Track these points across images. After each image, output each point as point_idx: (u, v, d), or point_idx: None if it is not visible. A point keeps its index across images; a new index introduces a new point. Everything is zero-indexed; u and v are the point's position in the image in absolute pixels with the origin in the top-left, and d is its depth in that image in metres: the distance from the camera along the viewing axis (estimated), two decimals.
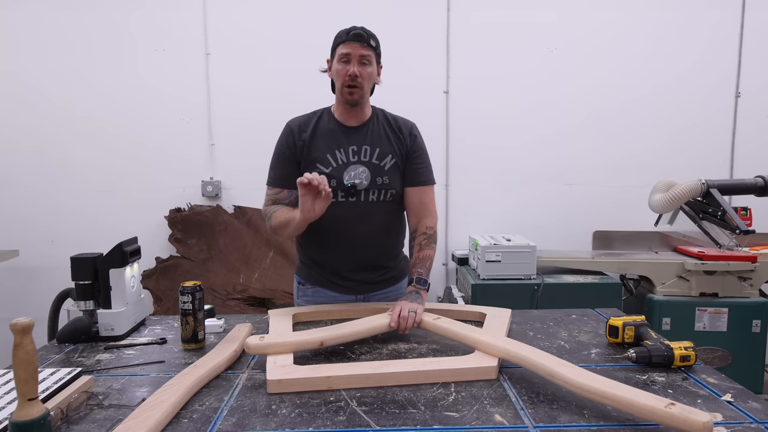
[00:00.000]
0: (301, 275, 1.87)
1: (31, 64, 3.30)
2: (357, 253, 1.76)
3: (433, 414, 1.08)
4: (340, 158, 1.70)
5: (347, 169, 1.70)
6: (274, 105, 3.36)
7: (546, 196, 3.49)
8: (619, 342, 1.46)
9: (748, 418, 1.06)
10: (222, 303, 3.16)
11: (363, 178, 1.70)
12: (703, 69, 3.42)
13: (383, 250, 1.81)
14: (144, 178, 3.39)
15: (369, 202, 1.71)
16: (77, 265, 1.51)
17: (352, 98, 1.68)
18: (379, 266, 1.81)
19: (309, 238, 1.79)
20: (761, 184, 2.85)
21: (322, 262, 1.81)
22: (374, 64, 1.68)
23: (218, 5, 3.32)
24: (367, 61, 1.65)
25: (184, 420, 1.06)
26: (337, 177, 1.68)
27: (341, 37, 1.66)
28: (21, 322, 0.90)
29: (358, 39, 1.63)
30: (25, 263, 3.31)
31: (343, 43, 1.64)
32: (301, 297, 1.87)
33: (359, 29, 1.64)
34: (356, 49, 1.63)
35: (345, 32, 1.66)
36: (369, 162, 1.71)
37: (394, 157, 1.73)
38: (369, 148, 1.72)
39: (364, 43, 1.63)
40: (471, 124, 3.43)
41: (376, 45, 1.67)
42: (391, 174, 1.72)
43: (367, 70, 1.66)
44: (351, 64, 1.64)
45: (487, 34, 3.39)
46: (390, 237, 1.82)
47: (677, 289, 2.85)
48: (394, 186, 1.73)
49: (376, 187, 1.71)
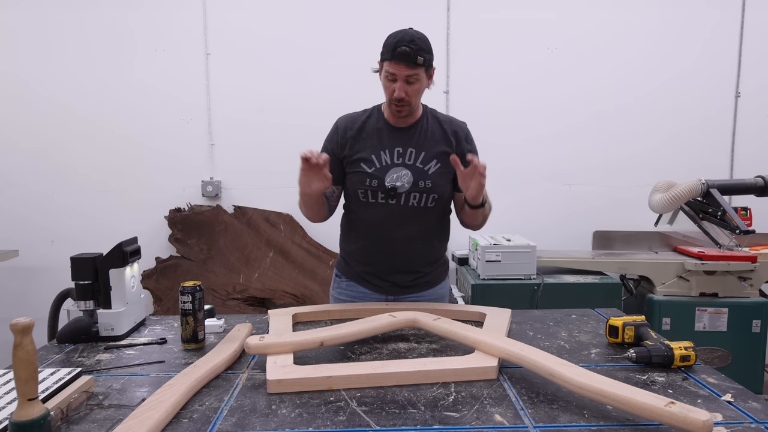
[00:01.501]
0: (340, 269, 1.88)
1: (31, 64, 3.30)
2: (392, 256, 1.75)
3: (433, 414, 1.08)
4: (384, 159, 1.68)
5: (390, 171, 1.67)
6: (274, 105, 3.37)
7: (546, 195, 3.49)
8: (619, 342, 1.46)
9: (748, 418, 1.06)
10: (222, 303, 3.16)
11: (405, 182, 1.67)
12: (703, 69, 3.42)
13: (419, 256, 1.79)
14: (144, 178, 3.39)
15: (409, 206, 1.69)
16: (77, 265, 1.51)
17: (401, 115, 1.67)
18: (414, 270, 1.79)
19: (349, 235, 1.81)
20: (761, 184, 2.85)
21: (358, 259, 1.80)
22: (423, 78, 1.62)
23: (218, 5, 3.32)
24: (414, 80, 1.59)
25: (184, 420, 1.06)
26: (379, 178, 1.67)
27: (387, 52, 1.58)
28: (21, 322, 0.90)
29: (404, 59, 1.55)
30: (25, 263, 3.31)
31: (389, 61, 1.58)
32: (335, 289, 1.88)
33: (406, 45, 1.54)
34: (402, 70, 1.57)
35: (392, 47, 1.56)
36: (413, 165, 1.68)
37: (440, 162, 1.69)
38: (414, 150, 1.69)
39: (411, 63, 1.56)
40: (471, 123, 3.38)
41: (425, 60, 1.58)
42: (435, 178, 1.69)
43: (413, 88, 1.61)
44: (397, 85, 1.59)
45: (487, 33, 3.39)
46: (428, 243, 1.79)
47: (677, 289, 2.85)
48: (437, 191, 1.69)
49: (417, 190, 1.68)
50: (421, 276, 1.80)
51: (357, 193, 1.71)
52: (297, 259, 3.31)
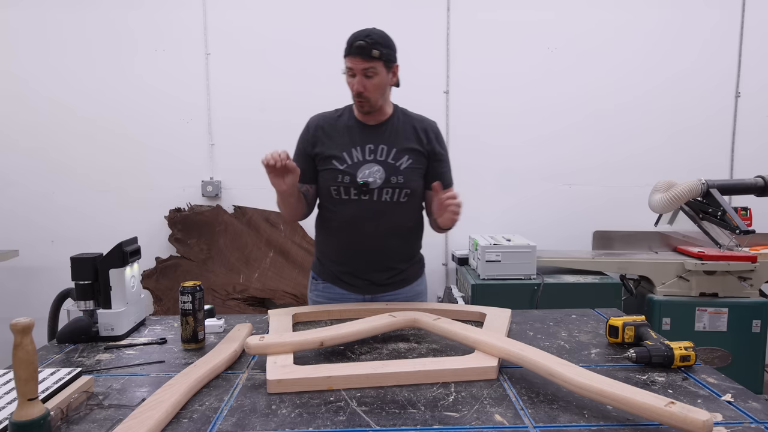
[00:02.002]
0: (315, 270, 1.89)
1: (31, 63, 3.30)
2: (367, 254, 1.76)
3: (433, 414, 1.08)
4: (356, 156, 1.71)
5: (362, 167, 1.70)
6: (274, 105, 3.37)
7: (546, 196, 3.49)
8: (619, 342, 1.46)
9: (748, 418, 1.06)
10: (222, 303, 3.16)
11: (377, 177, 1.70)
12: (703, 69, 3.42)
13: (394, 252, 1.80)
14: (144, 178, 3.39)
15: (382, 202, 1.71)
16: (77, 265, 1.51)
17: (362, 110, 1.70)
18: (389, 267, 1.80)
19: (323, 235, 1.82)
20: (761, 184, 2.85)
21: (334, 259, 1.82)
22: (381, 72, 1.64)
23: (218, 5, 3.32)
24: (371, 73, 1.62)
25: (184, 420, 1.06)
26: (351, 174, 1.69)
27: (346, 48, 1.64)
28: (21, 322, 0.90)
29: (359, 53, 1.60)
30: (25, 263, 3.31)
31: (348, 56, 1.63)
32: (312, 291, 1.89)
33: (362, 40, 1.60)
34: (358, 63, 1.61)
35: (349, 43, 1.62)
36: (384, 161, 1.71)
37: (411, 158, 1.72)
38: (386, 147, 1.72)
39: (366, 56, 1.60)
40: (471, 123, 3.43)
41: (382, 53, 1.61)
42: (407, 173, 1.71)
43: (372, 82, 1.64)
44: (355, 79, 1.63)
45: (487, 33, 3.39)
46: (402, 239, 1.81)
47: (677, 289, 2.85)
48: (409, 185, 1.72)
49: (390, 186, 1.70)
50: (398, 273, 1.81)
51: (329, 190, 1.73)
52: (297, 259, 3.31)
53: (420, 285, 1.90)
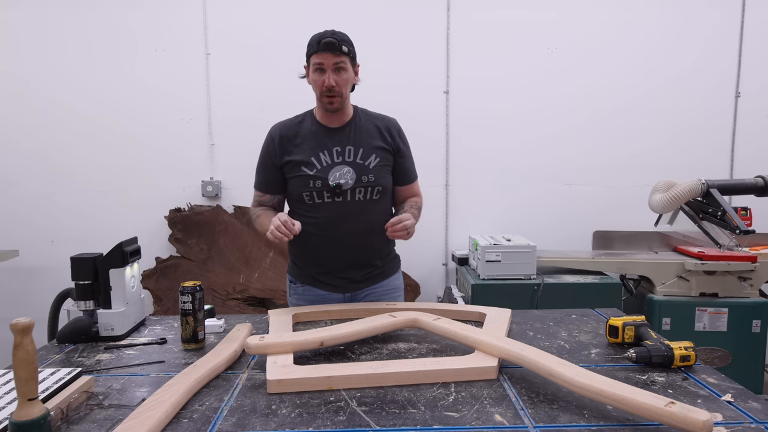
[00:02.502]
0: (292, 274, 1.90)
1: (31, 63, 3.30)
2: (344, 252, 1.78)
3: (433, 414, 1.08)
4: (324, 160, 1.73)
5: (332, 170, 1.72)
6: (274, 105, 3.36)
7: (546, 196, 3.49)
8: (619, 342, 1.46)
9: (748, 418, 1.06)
10: (222, 303, 3.17)
11: (348, 178, 1.72)
12: (703, 69, 3.42)
13: (371, 250, 1.82)
14: (144, 178, 3.39)
15: (356, 201, 1.73)
16: (77, 265, 1.51)
17: (333, 107, 1.71)
18: (367, 264, 1.82)
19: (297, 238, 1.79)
20: (761, 184, 2.85)
21: (310, 261, 1.82)
22: (349, 68, 1.69)
23: (218, 5, 3.32)
24: (341, 67, 1.66)
25: (184, 420, 1.06)
26: (322, 178, 1.71)
27: (313, 46, 1.66)
28: (21, 322, 0.90)
29: (329, 48, 1.63)
30: (25, 263, 3.31)
31: (315, 53, 1.65)
32: (292, 295, 1.90)
33: (329, 37, 1.64)
34: (329, 58, 1.64)
35: (316, 41, 1.65)
36: (353, 162, 1.74)
37: (378, 156, 1.76)
38: (352, 148, 1.74)
39: (337, 51, 1.64)
40: (471, 124, 3.43)
41: (349, 49, 1.67)
42: (376, 172, 1.74)
43: (342, 77, 1.67)
44: (326, 75, 1.66)
45: (487, 34, 3.38)
46: (378, 235, 1.79)
47: (677, 289, 2.85)
48: (380, 182, 1.75)
49: (362, 185, 1.72)
50: (374, 269, 1.84)
51: (302, 196, 1.74)
52: None
53: (397, 279, 1.93)
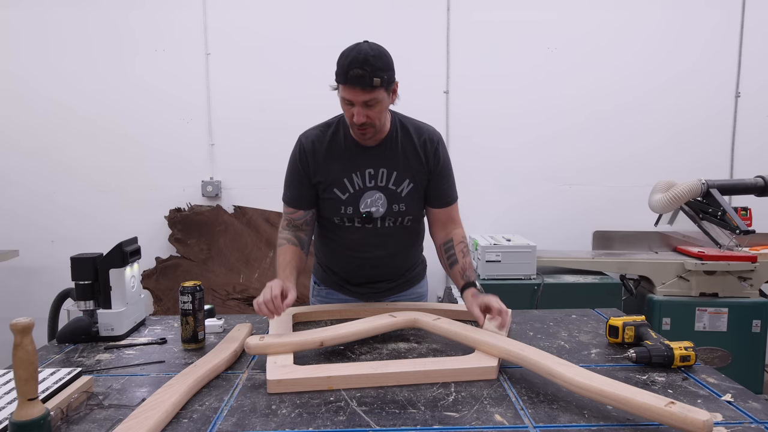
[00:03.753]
0: (317, 275, 1.88)
1: (31, 63, 3.30)
2: (370, 270, 1.76)
3: (433, 414, 1.08)
4: (356, 183, 1.61)
5: (363, 195, 1.61)
6: (274, 105, 3.37)
7: (546, 196, 3.48)
8: (619, 342, 1.46)
9: (748, 418, 1.06)
10: (222, 303, 3.16)
11: (379, 206, 1.62)
12: (703, 69, 3.42)
13: (398, 266, 1.81)
14: (144, 178, 3.39)
15: (385, 227, 1.66)
16: (77, 265, 1.51)
17: (364, 139, 1.56)
18: (393, 278, 1.80)
19: (326, 249, 1.80)
20: (761, 184, 2.85)
21: (335, 271, 1.81)
22: (383, 99, 1.47)
23: (218, 5, 3.32)
24: (373, 102, 1.45)
25: (184, 420, 1.06)
26: (353, 204, 1.62)
27: (341, 75, 1.43)
28: (21, 322, 0.90)
29: (358, 83, 1.41)
30: (25, 263, 3.31)
31: (343, 85, 1.44)
32: (315, 296, 1.89)
33: (358, 68, 1.39)
34: (358, 95, 1.43)
35: (344, 69, 1.41)
36: (385, 187, 1.61)
37: (412, 182, 1.62)
38: (386, 170, 1.61)
39: (367, 86, 1.41)
40: (471, 124, 3.43)
41: (383, 79, 1.42)
42: (408, 200, 1.63)
43: (375, 110, 1.47)
44: (355, 110, 1.46)
45: (487, 34, 3.38)
46: (406, 256, 1.81)
47: (677, 289, 2.85)
48: (411, 212, 1.66)
49: (392, 214, 1.64)
50: (400, 279, 1.82)
51: (332, 218, 1.67)
52: None
53: (422, 287, 1.90)
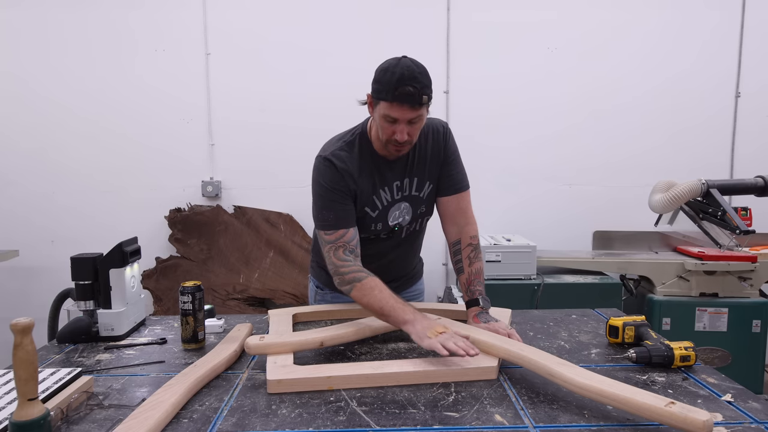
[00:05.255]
0: (320, 280, 1.83)
1: (31, 64, 3.30)
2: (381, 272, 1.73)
3: (433, 414, 1.08)
4: (384, 198, 1.58)
5: (391, 209, 1.60)
6: (274, 106, 3.37)
7: (546, 196, 3.48)
8: (619, 342, 1.46)
9: (748, 418, 1.06)
10: (222, 303, 3.16)
11: (405, 215, 1.63)
12: (703, 69, 3.42)
13: (405, 267, 1.83)
14: (144, 178, 3.39)
15: (407, 234, 1.69)
16: (77, 265, 1.51)
17: (398, 155, 1.51)
18: (395, 279, 1.79)
19: None
20: (761, 184, 2.84)
21: None
22: (425, 116, 1.45)
23: (218, 5, 3.32)
24: (417, 120, 1.41)
25: (184, 420, 1.06)
26: (383, 220, 1.60)
27: (387, 93, 1.36)
28: (21, 322, 0.90)
29: (408, 101, 1.35)
30: (25, 263, 3.31)
31: (388, 102, 1.37)
32: (319, 301, 1.84)
33: (408, 85, 1.33)
34: (406, 113, 1.37)
35: (392, 87, 1.34)
36: (410, 195, 1.61)
37: (431, 183, 1.62)
38: (409, 179, 1.59)
39: (416, 104, 1.36)
40: (471, 124, 3.42)
41: (429, 96, 1.39)
42: (428, 201, 1.65)
43: (415, 128, 1.43)
44: (398, 127, 1.40)
45: (487, 34, 3.38)
46: (414, 254, 1.83)
47: (677, 289, 2.84)
48: (430, 211, 1.69)
49: (416, 218, 1.66)
50: (403, 278, 1.84)
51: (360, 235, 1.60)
52: (297, 259, 3.31)
53: (421, 285, 1.93)
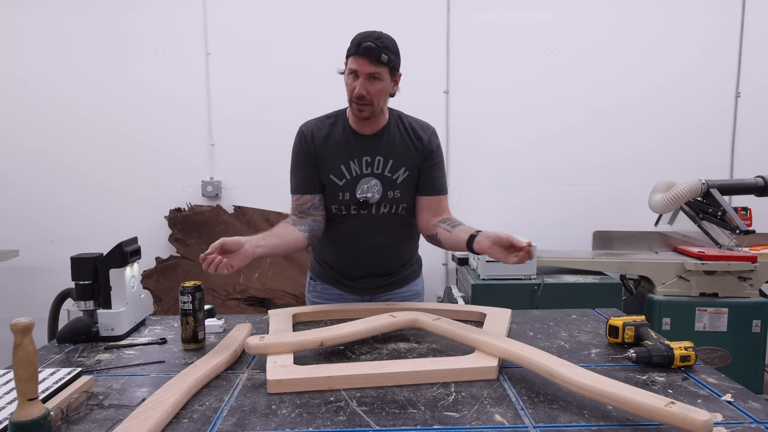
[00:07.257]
0: (314, 272, 1.90)
1: (31, 63, 3.30)
2: (366, 261, 1.77)
3: (433, 414, 1.08)
4: (353, 169, 1.66)
5: (360, 182, 1.67)
6: (274, 105, 3.37)
7: (546, 196, 3.49)
8: (619, 342, 1.46)
9: (748, 418, 1.06)
10: (222, 303, 3.16)
11: (375, 192, 1.68)
12: (704, 69, 3.42)
13: (392, 259, 1.82)
14: (144, 178, 3.39)
15: (380, 215, 1.70)
16: (77, 265, 1.51)
17: (361, 115, 1.61)
18: (387, 273, 1.81)
19: (323, 242, 1.80)
20: (761, 184, 2.85)
21: (332, 265, 1.82)
22: (386, 79, 1.56)
23: (218, 5, 3.32)
24: (377, 77, 1.54)
25: (184, 420, 1.06)
26: (350, 190, 1.67)
27: (352, 48, 1.54)
28: (21, 322, 0.90)
29: (367, 54, 1.50)
30: (25, 263, 3.31)
31: (353, 56, 1.53)
32: (311, 292, 1.90)
33: (371, 41, 1.50)
34: (364, 66, 1.52)
35: (357, 42, 1.52)
36: (381, 174, 1.67)
37: (407, 170, 1.68)
38: (382, 159, 1.67)
39: (374, 58, 1.51)
40: (471, 124, 3.43)
41: (389, 58, 1.53)
42: (402, 188, 1.69)
43: (376, 87, 1.55)
44: (358, 82, 1.54)
45: (487, 34, 3.39)
46: (401, 247, 1.82)
47: (677, 289, 2.85)
48: (405, 200, 1.71)
49: (387, 201, 1.69)
50: (394, 275, 1.83)
51: (330, 208, 1.71)
52: (297, 259, 3.31)
53: (418, 285, 1.91)
